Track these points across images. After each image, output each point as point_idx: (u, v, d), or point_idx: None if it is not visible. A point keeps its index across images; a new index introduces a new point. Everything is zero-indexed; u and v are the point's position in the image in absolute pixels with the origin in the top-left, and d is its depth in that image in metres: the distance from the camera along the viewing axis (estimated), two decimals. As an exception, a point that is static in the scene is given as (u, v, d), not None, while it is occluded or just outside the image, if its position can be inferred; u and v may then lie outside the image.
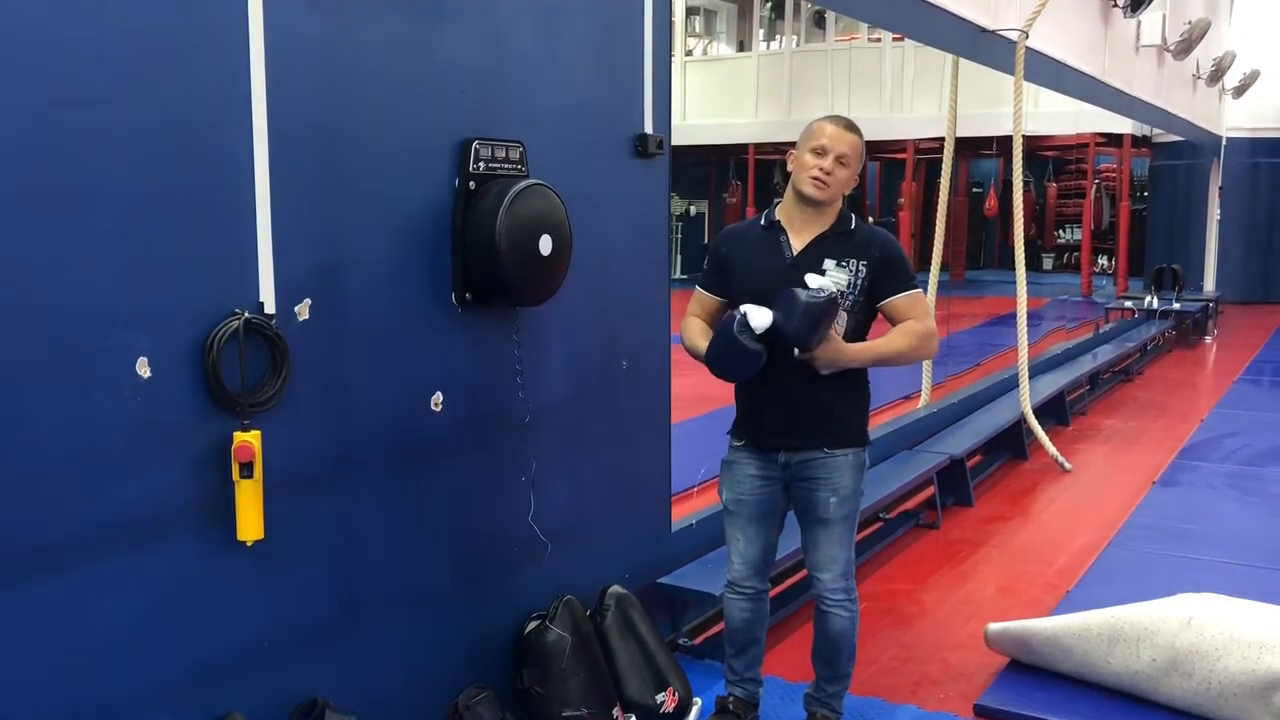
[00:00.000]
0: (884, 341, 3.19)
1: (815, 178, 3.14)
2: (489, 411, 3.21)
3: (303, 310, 2.64)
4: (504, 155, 3.12)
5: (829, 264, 3.16)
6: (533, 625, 3.33)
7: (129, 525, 2.33)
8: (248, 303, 2.51)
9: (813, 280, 3.11)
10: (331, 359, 2.73)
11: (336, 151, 2.70)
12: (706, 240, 23.07)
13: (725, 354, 3.08)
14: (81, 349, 2.21)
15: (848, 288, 3.14)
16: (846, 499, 3.23)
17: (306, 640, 2.72)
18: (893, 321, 3.21)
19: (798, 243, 3.21)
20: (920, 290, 3.27)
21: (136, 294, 2.30)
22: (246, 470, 2.46)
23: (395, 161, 2.87)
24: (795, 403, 3.18)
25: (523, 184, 3.05)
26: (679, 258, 23.02)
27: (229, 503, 2.48)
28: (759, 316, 3.02)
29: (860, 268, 3.16)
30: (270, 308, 2.54)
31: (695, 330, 3.32)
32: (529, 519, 3.31)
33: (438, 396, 3.02)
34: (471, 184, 3.03)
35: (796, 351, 3.07)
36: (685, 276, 22.21)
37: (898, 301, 3.19)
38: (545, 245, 3.07)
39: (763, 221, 3.29)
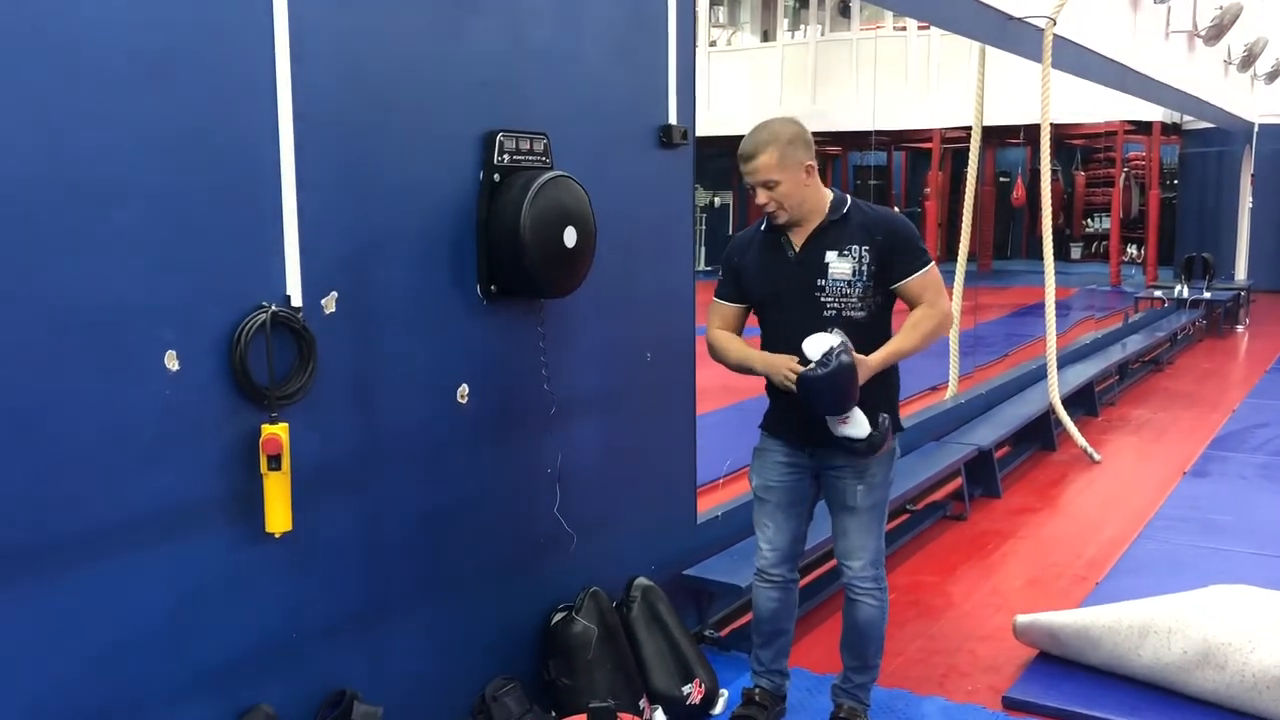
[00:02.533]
0: (899, 342, 3.18)
1: (769, 212, 3.15)
2: (514, 404, 3.21)
3: (329, 303, 2.65)
4: (528, 147, 3.12)
5: (830, 256, 3.13)
6: (559, 616, 3.34)
7: (158, 517, 2.35)
8: (275, 296, 2.52)
9: (811, 347, 3.03)
10: (358, 351, 2.74)
11: (361, 144, 2.71)
12: (731, 232, 23.02)
13: (819, 392, 3.02)
14: (110, 342, 2.23)
15: (854, 275, 3.12)
16: (875, 487, 3.22)
17: (334, 632, 2.74)
18: (907, 302, 3.19)
19: (798, 240, 3.19)
20: (932, 264, 3.22)
21: (164, 287, 2.31)
22: (274, 463, 2.47)
23: (420, 154, 2.87)
24: None
25: (547, 176, 3.04)
26: (703, 249, 22.91)
27: (257, 495, 2.49)
28: (814, 346, 3.01)
29: (863, 253, 3.13)
30: (297, 301, 2.56)
31: (729, 343, 3.29)
32: (554, 511, 3.31)
33: (463, 389, 3.03)
34: (496, 176, 3.03)
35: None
36: (709, 269, 22.12)
37: (911, 284, 3.17)
38: (570, 237, 3.07)
39: (763, 225, 3.28)
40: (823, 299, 3.13)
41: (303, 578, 2.65)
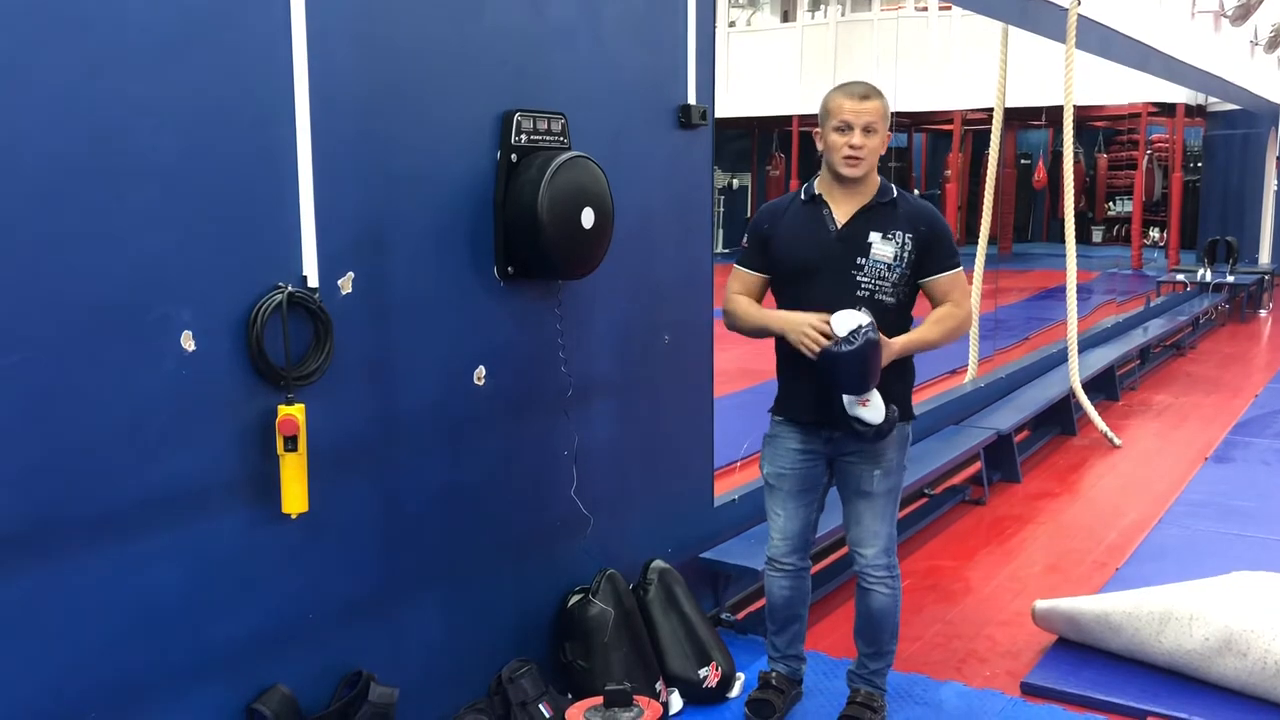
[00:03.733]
0: (922, 332, 3.16)
1: (848, 157, 3.08)
2: (531, 385, 3.20)
3: (345, 284, 2.64)
4: (546, 127, 3.10)
5: (874, 237, 3.11)
6: (576, 599, 3.33)
7: (175, 498, 2.35)
8: (291, 276, 2.51)
9: (840, 322, 2.99)
10: (374, 332, 2.73)
11: (378, 124, 2.69)
12: (750, 214, 22.89)
13: (844, 369, 2.99)
14: (127, 322, 2.22)
15: (895, 260, 3.09)
16: (889, 473, 3.19)
17: (351, 613, 2.74)
18: (932, 298, 3.16)
19: (841, 215, 3.15)
20: (961, 268, 3.21)
21: (181, 267, 2.31)
22: (291, 444, 2.46)
23: (437, 134, 2.85)
24: None
25: (565, 156, 3.02)
26: (720, 232, 22.83)
27: (274, 476, 2.49)
28: (842, 322, 2.98)
29: (907, 240, 3.10)
30: (313, 281, 2.55)
31: (749, 308, 3.25)
32: (571, 493, 3.30)
33: (480, 370, 3.02)
34: (513, 156, 3.01)
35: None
36: (727, 251, 22.03)
37: (941, 281, 3.15)
38: (587, 218, 3.05)
39: (803, 196, 3.24)
40: (859, 278, 3.09)
41: (319, 559, 2.65)
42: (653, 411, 3.73)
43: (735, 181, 22.96)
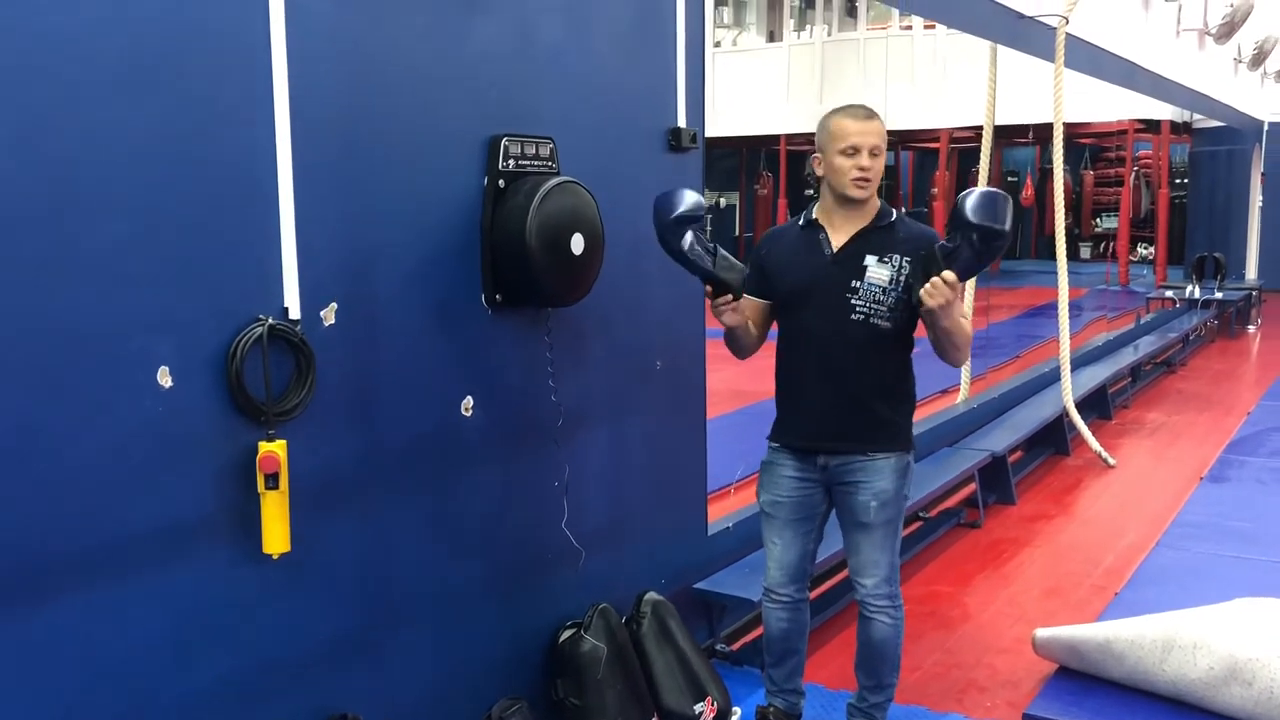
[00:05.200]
0: (963, 320, 3.04)
1: (857, 179, 3.03)
2: (521, 415, 3.12)
3: (329, 315, 2.56)
4: (534, 152, 3.03)
5: (870, 260, 3.05)
6: (567, 634, 3.25)
7: (153, 538, 2.26)
8: (272, 308, 2.43)
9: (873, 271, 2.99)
10: (359, 364, 2.65)
11: (362, 150, 2.62)
12: (737, 233, 22.93)
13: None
14: (101, 358, 2.14)
15: (890, 283, 3.03)
16: (888, 503, 3.12)
17: (336, 653, 2.65)
18: (930, 325, 3.09)
19: (837, 239, 3.10)
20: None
21: (157, 300, 2.23)
22: (272, 481, 2.38)
23: (423, 160, 2.78)
24: (836, 405, 3.08)
25: (553, 181, 2.96)
26: (711, 250, 22.84)
27: (255, 514, 2.40)
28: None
29: (904, 264, 3.04)
30: (295, 313, 2.47)
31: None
32: (562, 525, 3.22)
33: (468, 401, 2.94)
34: (501, 182, 2.94)
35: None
36: (716, 270, 22.04)
37: None
38: (577, 244, 2.99)
39: (801, 221, 3.21)
40: (854, 301, 3.04)
41: (303, 598, 2.56)
42: (645, 440, 3.65)
43: (723, 200, 23.01)
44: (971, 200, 2.82)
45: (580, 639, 3.20)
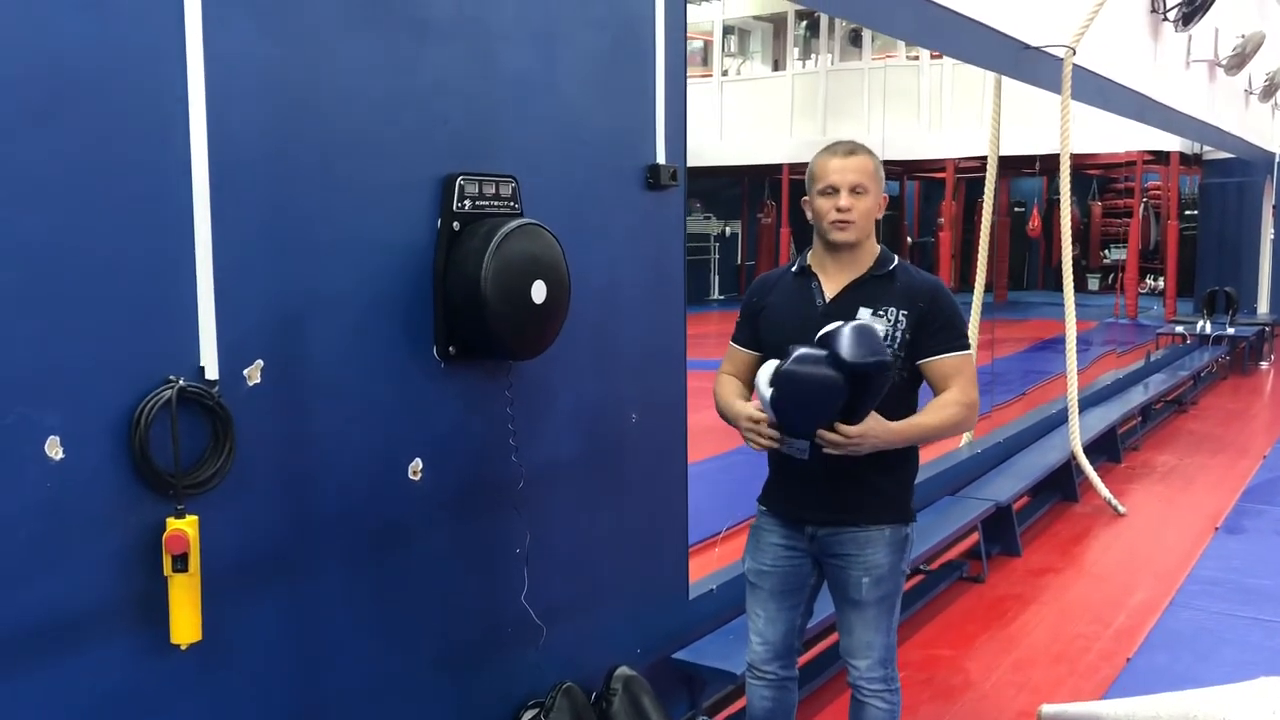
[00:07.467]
0: (920, 418, 2.80)
1: (836, 221, 2.78)
2: (477, 478, 2.86)
3: (253, 373, 2.30)
4: (494, 191, 2.79)
5: (864, 313, 2.79)
6: (528, 716, 2.97)
7: (44, 628, 2.01)
8: (186, 367, 2.18)
9: (762, 379, 2.67)
10: (289, 428, 2.39)
11: (293, 191, 2.37)
12: (740, 261, 22.72)
13: (792, 427, 2.69)
14: (-22, 428, 1.89)
15: (884, 338, 2.75)
16: (883, 579, 2.84)
17: (260, 749, 2.38)
18: (932, 383, 2.82)
19: (830, 288, 2.85)
20: (970, 352, 2.88)
21: (45, 361, 1.98)
22: (180, 563, 2.12)
23: (365, 201, 2.53)
24: (826, 470, 2.78)
25: (513, 224, 2.71)
26: (716, 278, 22.71)
27: (162, 600, 2.14)
28: (763, 378, 2.66)
29: (900, 318, 2.78)
30: (212, 373, 2.21)
31: (728, 389, 2.95)
32: (521, 598, 2.95)
33: (416, 463, 2.68)
34: (456, 224, 2.69)
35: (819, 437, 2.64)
36: (723, 297, 21.89)
37: (941, 364, 2.79)
38: (538, 292, 2.73)
39: (794, 268, 2.95)
40: None
41: (222, 691, 2.29)
42: (617, 500, 3.38)
43: (728, 229, 22.85)
44: (844, 342, 2.53)
45: (541, 723, 2.93)
